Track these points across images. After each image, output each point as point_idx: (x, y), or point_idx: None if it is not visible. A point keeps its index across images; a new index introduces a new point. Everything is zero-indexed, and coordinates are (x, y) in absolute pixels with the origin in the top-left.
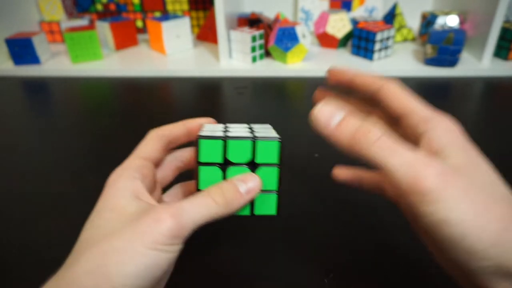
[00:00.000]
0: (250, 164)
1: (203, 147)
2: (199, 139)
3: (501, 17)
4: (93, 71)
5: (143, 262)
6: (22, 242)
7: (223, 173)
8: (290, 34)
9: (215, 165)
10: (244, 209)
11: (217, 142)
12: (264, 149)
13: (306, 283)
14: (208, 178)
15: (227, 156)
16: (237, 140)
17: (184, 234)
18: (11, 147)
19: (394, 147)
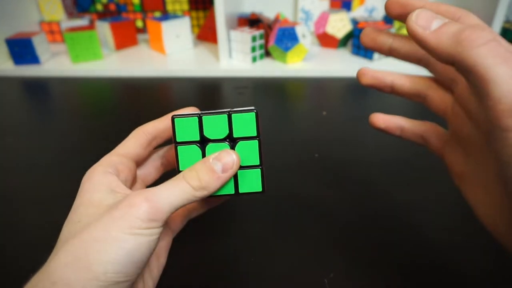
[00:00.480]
0: (228, 140)
1: (179, 126)
2: (173, 118)
3: (501, 17)
4: (93, 71)
5: (123, 247)
6: (21, 242)
7: (202, 151)
8: (290, 34)
9: (193, 144)
10: (227, 188)
11: (192, 120)
12: (240, 122)
13: (306, 283)
14: (187, 158)
15: (203, 132)
16: (212, 116)
17: (162, 217)
18: (11, 147)
19: (507, 55)
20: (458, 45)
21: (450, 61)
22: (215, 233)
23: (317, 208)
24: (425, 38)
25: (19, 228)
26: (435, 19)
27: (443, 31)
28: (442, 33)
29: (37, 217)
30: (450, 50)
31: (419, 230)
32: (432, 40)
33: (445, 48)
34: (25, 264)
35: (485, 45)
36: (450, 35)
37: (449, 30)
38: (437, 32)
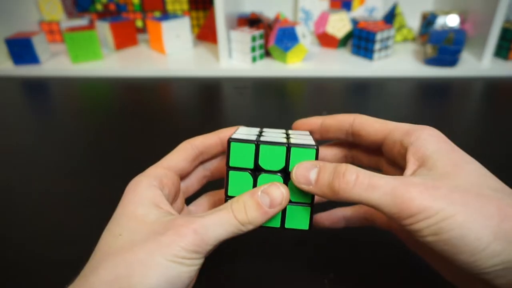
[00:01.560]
0: (283, 172)
1: (234, 150)
2: (230, 141)
3: (501, 17)
4: (93, 71)
5: (165, 274)
6: (21, 242)
7: (254, 180)
8: (290, 34)
9: (245, 171)
10: (274, 220)
11: (248, 146)
12: (299, 157)
13: (306, 283)
14: (237, 184)
15: (258, 162)
16: (270, 146)
17: (206, 249)
18: (11, 147)
19: (373, 181)
20: (338, 194)
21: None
22: None
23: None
24: (314, 192)
25: (18, 228)
26: (310, 172)
27: (320, 185)
28: (321, 187)
29: (36, 216)
30: (335, 198)
31: None
32: (319, 193)
33: (331, 197)
34: (25, 264)
35: (354, 186)
36: (327, 188)
37: (324, 183)
38: (317, 186)
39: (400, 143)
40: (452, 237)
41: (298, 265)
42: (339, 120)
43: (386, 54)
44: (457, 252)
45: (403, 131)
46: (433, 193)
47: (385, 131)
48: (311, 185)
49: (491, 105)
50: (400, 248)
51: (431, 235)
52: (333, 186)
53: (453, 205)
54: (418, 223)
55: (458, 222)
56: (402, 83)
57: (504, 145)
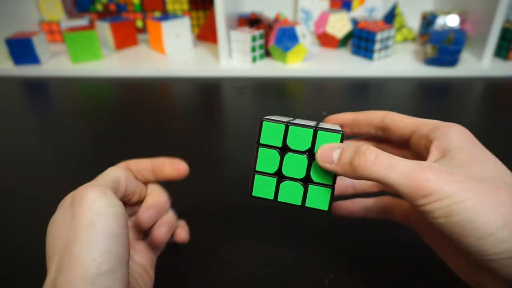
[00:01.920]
0: (308, 153)
1: (266, 129)
2: (262, 121)
3: (501, 17)
4: (93, 71)
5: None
6: (20, 242)
7: (281, 158)
8: (290, 34)
9: (274, 149)
10: (295, 198)
11: (279, 126)
12: (324, 140)
13: (306, 283)
14: (265, 160)
15: (286, 141)
16: (298, 127)
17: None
18: (11, 147)
19: (392, 161)
20: (358, 172)
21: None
22: (214, 233)
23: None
24: (335, 171)
25: (18, 228)
26: (333, 152)
27: (342, 163)
28: (343, 164)
29: (36, 217)
30: (354, 175)
31: None
32: (341, 171)
33: (351, 175)
34: (25, 264)
35: (373, 165)
36: (348, 166)
37: (346, 160)
38: (339, 165)
39: (426, 137)
40: (462, 219)
41: (298, 265)
42: (370, 115)
43: (386, 54)
44: (465, 235)
45: (431, 126)
46: (448, 177)
47: (413, 125)
48: (334, 164)
49: (491, 105)
50: (400, 248)
51: (442, 217)
52: (353, 163)
53: (465, 191)
54: (431, 204)
55: (468, 206)
56: (402, 83)
57: (504, 145)
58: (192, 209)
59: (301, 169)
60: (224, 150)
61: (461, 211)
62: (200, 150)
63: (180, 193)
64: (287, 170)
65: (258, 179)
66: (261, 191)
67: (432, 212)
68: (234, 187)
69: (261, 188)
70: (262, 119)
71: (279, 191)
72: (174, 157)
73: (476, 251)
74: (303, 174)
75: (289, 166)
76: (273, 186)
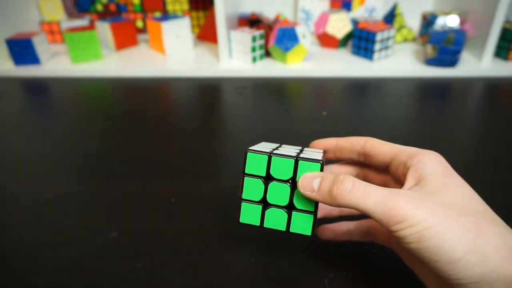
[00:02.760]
0: (291, 182)
1: (250, 159)
2: (247, 152)
3: (501, 17)
4: (93, 71)
5: None
6: (21, 242)
7: (265, 187)
8: (290, 34)
9: (258, 178)
10: (280, 224)
11: (262, 157)
12: (305, 169)
13: (306, 283)
14: (251, 189)
15: (270, 171)
16: (280, 158)
17: None
18: (11, 147)
19: (367, 190)
20: (336, 200)
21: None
22: (212, 233)
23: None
24: (316, 199)
25: (18, 228)
26: (313, 180)
27: (322, 192)
28: (322, 193)
29: (36, 217)
30: (333, 204)
31: None
32: (320, 199)
33: (330, 203)
34: (25, 264)
35: (349, 193)
36: (327, 194)
37: (325, 189)
38: (319, 193)
39: (404, 164)
40: (432, 245)
41: (298, 265)
42: (352, 142)
43: (386, 54)
44: (436, 260)
45: (408, 154)
46: (419, 204)
47: (392, 153)
48: (314, 192)
49: (491, 105)
50: None
51: (414, 243)
52: (332, 192)
53: (435, 217)
54: (403, 230)
55: (438, 232)
56: (402, 83)
57: (504, 145)
58: (192, 209)
59: (285, 197)
60: (224, 150)
61: (431, 236)
62: (200, 150)
63: (180, 192)
64: (272, 197)
65: (245, 207)
66: (248, 218)
67: (404, 237)
68: (234, 187)
69: (248, 215)
70: (246, 150)
71: (264, 217)
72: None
73: (447, 275)
74: (286, 201)
75: (273, 194)
76: (259, 213)
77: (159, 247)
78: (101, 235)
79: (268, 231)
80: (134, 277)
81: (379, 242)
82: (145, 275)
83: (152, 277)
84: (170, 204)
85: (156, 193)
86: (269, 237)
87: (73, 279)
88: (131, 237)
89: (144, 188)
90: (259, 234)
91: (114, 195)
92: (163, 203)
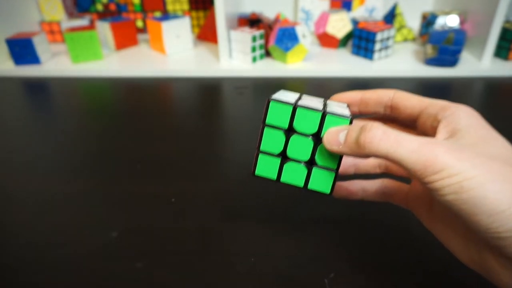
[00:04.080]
0: (314, 136)
1: (272, 109)
2: (270, 100)
3: (501, 17)
4: (93, 71)
5: None
6: (21, 242)
7: (286, 140)
8: (290, 34)
9: (280, 129)
10: (298, 179)
11: (286, 107)
12: (332, 124)
13: (306, 283)
14: (270, 141)
15: (293, 123)
16: (307, 109)
17: None
18: (11, 147)
19: (399, 138)
20: (365, 149)
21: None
22: (213, 233)
23: (317, 208)
24: (343, 152)
25: (18, 228)
26: (339, 134)
27: (349, 143)
28: (349, 144)
29: (36, 217)
30: (362, 153)
31: (421, 229)
32: (348, 151)
33: (358, 153)
34: (25, 264)
35: (380, 140)
36: (355, 145)
37: (352, 140)
38: (346, 145)
39: (434, 117)
40: (472, 196)
41: (298, 265)
42: (379, 94)
43: (386, 54)
44: (475, 213)
45: (439, 106)
46: (458, 154)
47: (422, 106)
48: (340, 146)
49: (491, 105)
50: (401, 248)
51: (451, 194)
52: (360, 141)
53: (476, 167)
54: (440, 181)
55: (479, 182)
56: (402, 83)
57: None
58: (192, 209)
59: (306, 152)
60: (224, 150)
61: (472, 187)
62: (200, 150)
63: (180, 192)
64: (292, 152)
65: (262, 159)
66: (264, 171)
67: (441, 189)
68: (234, 187)
69: (264, 168)
70: (269, 99)
71: (282, 172)
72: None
73: (485, 229)
74: (307, 156)
75: (294, 148)
76: (277, 166)
77: (159, 247)
78: (101, 235)
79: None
80: (134, 277)
81: (395, 203)
82: (145, 275)
83: (152, 277)
84: (170, 204)
85: (156, 193)
86: (270, 237)
87: (73, 279)
88: (131, 237)
89: (144, 188)
90: (258, 233)
91: (114, 195)
92: (163, 203)
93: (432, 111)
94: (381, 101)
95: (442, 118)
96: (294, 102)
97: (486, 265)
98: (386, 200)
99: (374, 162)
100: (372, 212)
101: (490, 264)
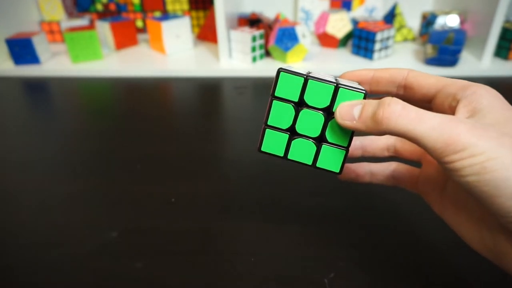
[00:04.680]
0: (325, 111)
1: (282, 80)
2: (280, 71)
3: (501, 17)
4: (93, 71)
5: None
6: (20, 242)
7: (295, 114)
8: (290, 34)
9: (289, 103)
10: (306, 157)
11: (297, 79)
12: (345, 98)
13: (306, 283)
14: (278, 115)
15: (304, 96)
16: (319, 82)
17: None
18: (11, 147)
19: (419, 114)
20: (382, 125)
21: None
22: (212, 233)
23: (317, 208)
24: (357, 128)
25: (17, 228)
26: (353, 108)
27: (364, 118)
28: (365, 119)
29: (36, 217)
30: (377, 130)
31: (421, 229)
32: (362, 127)
33: (373, 130)
34: (26, 264)
35: (399, 116)
36: (370, 120)
37: (368, 115)
38: (361, 120)
39: (453, 97)
40: (495, 178)
41: (298, 265)
42: (391, 73)
43: (386, 54)
44: (497, 195)
45: (458, 85)
46: (482, 133)
47: (439, 85)
48: (354, 121)
49: None
50: (402, 248)
51: (473, 175)
52: (377, 116)
53: (501, 147)
54: (462, 161)
55: (504, 163)
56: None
57: None
58: (192, 209)
59: (316, 127)
60: (224, 150)
61: (496, 168)
62: (200, 150)
63: (180, 192)
64: (301, 127)
65: (269, 134)
66: (271, 147)
67: (462, 169)
68: (234, 187)
69: (271, 143)
70: (279, 69)
71: (290, 148)
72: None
73: (505, 212)
74: (317, 132)
75: (303, 123)
76: (284, 142)
77: (159, 247)
78: (101, 235)
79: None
80: (134, 277)
81: (404, 186)
82: (145, 275)
83: (152, 277)
84: (170, 204)
85: (156, 193)
86: (270, 237)
87: (73, 279)
88: (131, 237)
89: (144, 188)
90: (258, 233)
91: (114, 195)
92: (163, 203)
93: (451, 90)
94: (394, 80)
95: (462, 98)
96: (306, 74)
97: (500, 251)
98: (395, 184)
99: (383, 145)
100: (372, 212)
101: (505, 249)
